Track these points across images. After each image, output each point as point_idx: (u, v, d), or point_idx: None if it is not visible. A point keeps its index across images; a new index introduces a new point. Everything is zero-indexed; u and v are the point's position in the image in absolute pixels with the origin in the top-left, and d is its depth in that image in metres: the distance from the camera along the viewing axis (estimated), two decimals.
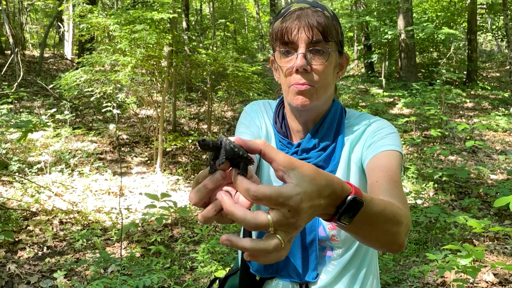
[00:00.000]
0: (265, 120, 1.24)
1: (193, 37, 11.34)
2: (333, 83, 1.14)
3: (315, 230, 1.11)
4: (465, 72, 13.15)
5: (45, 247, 4.05)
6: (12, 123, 4.16)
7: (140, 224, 4.59)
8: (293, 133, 1.19)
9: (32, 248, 4.00)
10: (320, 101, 1.10)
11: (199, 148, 0.64)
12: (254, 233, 1.23)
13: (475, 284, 3.41)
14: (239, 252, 1.28)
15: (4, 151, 6.22)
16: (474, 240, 4.26)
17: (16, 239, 4.08)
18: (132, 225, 3.99)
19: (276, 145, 1.19)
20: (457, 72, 12.54)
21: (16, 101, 8.25)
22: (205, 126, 8.99)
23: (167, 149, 7.48)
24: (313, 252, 1.11)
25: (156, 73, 7.33)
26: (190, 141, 7.58)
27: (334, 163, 1.12)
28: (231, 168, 0.64)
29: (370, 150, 1.08)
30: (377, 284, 1.21)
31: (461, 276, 3.39)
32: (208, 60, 7.70)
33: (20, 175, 5.66)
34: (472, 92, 11.79)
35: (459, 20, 14.68)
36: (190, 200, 0.61)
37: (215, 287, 1.38)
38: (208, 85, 8.61)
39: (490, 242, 4.23)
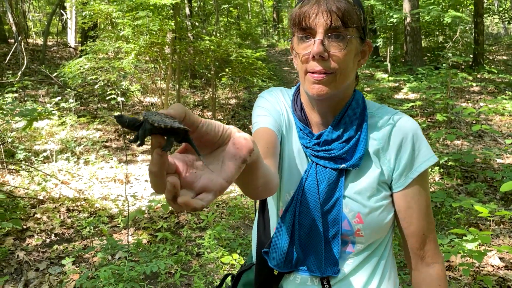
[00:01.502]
0: (285, 107, 1.18)
1: (196, 23, 11.27)
2: (353, 72, 1.08)
3: (338, 224, 1.07)
4: (471, 56, 12.99)
5: (53, 235, 4.09)
6: (17, 112, 4.18)
7: (146, 211, 4.62)
8: (311, 124, 1.14)
9: (40, 236, 4.04)
10: (338, 91, 1.04)
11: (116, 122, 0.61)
12: (272, 225, 1.19)
13: (481, 268, 3.42)
14: (253, 247, 1.24)
15: (10, 140, 6.25)
16: (480, 225, 4.26)
17: (24, 227, 4.12)
18: (138, 212, 4.01)
19: (297, 133, 1.14)
20: (463, 55, 12.39)
21: (20, 90, 8.26)
22: (209, 113, 8.98)
23: None
24: (335, 246, 1.08)
25: (160, 60, 7.30)
26: None
27: (358, 157, 1.07)
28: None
29: (403, 178, 1.09)
30: (395, 276, 1.18)
31: (467, 260, 3.40)
32: (212, 47, 7.66)
33: (27, 163, 5.69)
34: (479, 76, 11.67)
35: (465, 3, 14.45)
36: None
37: (228, 282, 1.33)
38: (212, 72, 8.57)
39: (496, 226, 4.23)
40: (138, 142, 0.58)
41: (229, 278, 1.36)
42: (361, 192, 1.08)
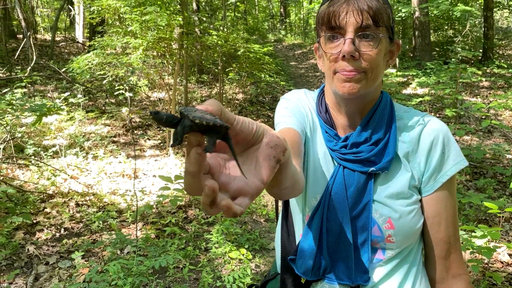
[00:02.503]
0: (310, 109, 1.16)
1: (204, 18, 11.26)
2: (383, 72, 1.05)
3: (367, 229, 1.03)
4: (481, 50, 12.86)
5: (62, 229, 4.13)
6: (26, 107, 4.20)
7: (154, 206, 4.65)
8: (337, 126, 1.11)
9: (50, 230, 4.08)
10: (369, 90, 1.02)
11: (152, 119, 0.56)
12: (297, 232, 1.15)
13: (490, 265, 3.40)
14: (277, 255, 1.20)
15: (19, 135, 6.31)
16: (489, 221, 4.23)
17: (34, 221, 4.16)
18: (147, 207, 4.03)
19: (323, 136, 1.11)
20: (472, 50, 12.26)
21: (29, 85, 8.32)
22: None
23: None
24: (365, 253, 1.04)
25: (167, 56, 7.31)
26: None
27: (388, 160, 1.04)
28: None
29: (431, 182, 1.07)
30: (426, 282, 1.13)
31: (476, 256, 3.38)
32: (219, 42, 7.65)
33: (36, 158, 5.74)
34: (488, 71, 11.55)
35: None
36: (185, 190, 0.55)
37: None
38: (219, 67, 8.57)
39: (506, 223, 4.20)
40: (177, 141, 0.54)
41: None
42: (392, 196, 1.05)
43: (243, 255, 3.56)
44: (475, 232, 3.28)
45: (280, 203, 1.25)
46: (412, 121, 1.09)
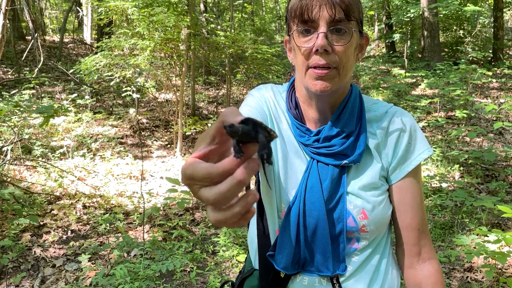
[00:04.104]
0: (275, 104, 1.16)
1: (211, 19, 11.24)
2: (353, 66, 1.06)
3: (343, 221, 1.06)
4: (490, 51, 12.72)
5: (69, 231, 4.11)
6: (34, 108, 4.19)
7: (161, 208, 4.62)
8: (307, 120, 1.12)
9: (57, 232, 4.06)
10: (341, 85, 1.03)
11: (226, 133, 0.53)
12: (272, 227, 1.14)
13: (504, 270, 3.33)
14: (253, 251, 1.22)
15: (27, 136, 6.31)
16: (502, 225, 4.15)
17: (41, 223, 4.15)
18: (154, 209, 4.00)
19: (293, 132, 1.12)
20: (482, 51, 12.13)
21: (37, 86, 8.34)
22: (223, 110, 8.96)
23: (187, 133, 7.49)
24: (341, 243, 1.07)
25: (175, 57, 7.29)
26: (209, 125, 7.56)
27: (359, 152, 1.06)
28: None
29: (397, 170, 1.10)
30: (397, 272, 1.17)
31: (489, 261, 3.31)
32: (227, 43, 7.62)
33: (44, 159, 5.74)
34: (498, 71, 11.42)
35: None
36: (208, 201, 0.51)
37: None
38: (226, 68, 8.54)
39: None
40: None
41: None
42: (364, 188, 1.07)
43: None
44: (488, 237, 3.21)
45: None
46: (380, 113, 1.11)
